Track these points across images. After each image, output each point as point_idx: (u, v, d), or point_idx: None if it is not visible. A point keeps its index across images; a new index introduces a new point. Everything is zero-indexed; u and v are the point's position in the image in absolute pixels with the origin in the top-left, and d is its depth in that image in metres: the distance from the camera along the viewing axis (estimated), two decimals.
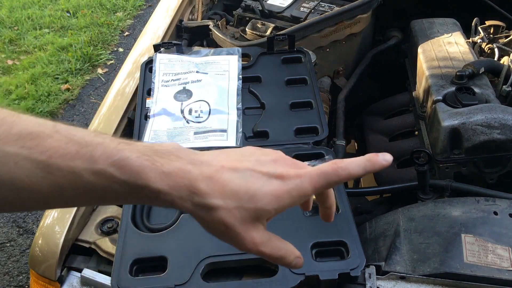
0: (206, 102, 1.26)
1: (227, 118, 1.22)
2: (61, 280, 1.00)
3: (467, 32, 1.55)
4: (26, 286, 2.37)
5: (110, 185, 0.53)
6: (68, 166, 0.52)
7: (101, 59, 4.17)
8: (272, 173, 0.55)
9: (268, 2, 1.74)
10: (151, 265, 0.90)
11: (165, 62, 1.36)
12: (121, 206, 1.03)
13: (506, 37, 1.49)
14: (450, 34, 1.52)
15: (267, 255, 0.56)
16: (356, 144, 1.96)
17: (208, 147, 1.16)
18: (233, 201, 0.54)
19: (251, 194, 0.54)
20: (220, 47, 1.54)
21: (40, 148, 0.52)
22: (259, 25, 1.61)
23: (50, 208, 0.65)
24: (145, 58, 1.43)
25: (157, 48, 1.42)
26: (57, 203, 0.56)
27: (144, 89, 1.31)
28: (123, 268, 0.88)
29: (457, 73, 1.28)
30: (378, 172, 1.47)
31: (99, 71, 4.04)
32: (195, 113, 1.24)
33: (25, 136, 0.52)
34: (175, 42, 1.42)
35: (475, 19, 1.53)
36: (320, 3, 1.71)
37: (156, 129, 1.20)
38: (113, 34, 4.57)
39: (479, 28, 1.52)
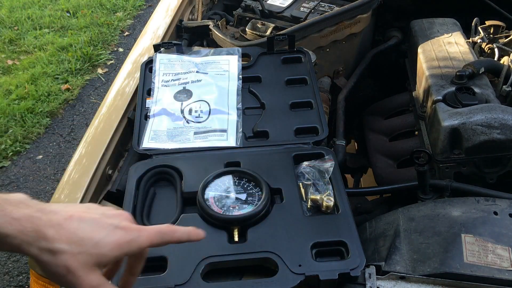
0: (206, 102, 1.26)
1: (227, 118, 1.22)
2: None
3: (467, 32, 1.55)
4: (26, 286, 2.37)
5: None
6: None
7: (101, 59, 4.17)
8: (116, 224, 0.64)
9: (268, 2, 1.74)
10: (151, 265, 0.90)
11: (165, 62, 1.36)
12: (121, 206, 1.03)
13: (506, 37, 1.49)
14: (450, 34, 1.52)
15: None
16: (356, 144, 1.96)
17: (208, 147, 1.16)
18: (78, 247, 0.60)
19: (95, 241, 0.61)
20: (220, 47, 1.54)
21: None
22: (259, 25, 1.61)
23: None
24: (145, 58, 1.43)
25: (157, 48, 1.42)
26: None
27: (144, 89, 1.31)
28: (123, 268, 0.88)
29: (457, 73, 1.28)
30: (378, 172, 1.47)
31: (99, 71, 4.04)
32: (195, 113, 1.24)
33: None
34: (175, 42, 1.42)
35: (475, 19, 1.53)
36: (320, 3, 1.71)
37: (156, 129, 1.20)
38: (113, 34, 4.57)
39: (479, 28, 1.52)
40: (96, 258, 0.62)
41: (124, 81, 1.43)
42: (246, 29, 1.62)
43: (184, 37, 1.66)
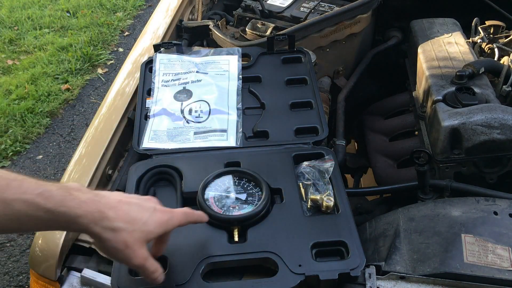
0: (206, 102, 1.26)
1: (227, 118, 1.22)
2: (61, 280, 1.00)
3: (467, 32, 1.55)
4: (26, 286, 2.37)
5: (35, 212, 0.67)
6: (1, 196, 0.65)
7: (101, 59, 4.17)
8: (154, 207, 0.77)
9: (268, 2, 1.74)
10: None
11: (165, 62, 1.36)
12: None
13: (506, 37, 1.49)
14: (450, 34, 1.52)
15: (147, 267, 0.76)
16: (356, 144, 1.96)
17: (208, 147, 1.16)
18: (132, 225, 0.73)
19: (144, 221, 0.74)
20: (220, 47, 1.54)
21: None
22: (259, 25, 1.61)
23: None
24: (145, 58, 1.43)
25: (157, 48, 1.42)
26: None
27: (144, 89, 1.31)
28: (123, 268, 0.88)
29: (457, 73, 1.28)
30: (378, 172, 1.47)
31: (99, 71, 4.04)
32: (195, 113, 1.24)
33: None
34: (175, 42, 1.42)
35: (475, 19, 1.53)
36: (320, 3, 1.71)
37: (156, 129, 1.20)
38: (113, 34, 4.57)
39: (479, 28, 1.52)
40: (146, 235, 0.74)
41: (124, 81, 1.43)
42: (246, 29, 1.62)
43: (184, 37, 1.66)
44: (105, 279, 0.96)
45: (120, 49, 4.38)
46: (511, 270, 0.86)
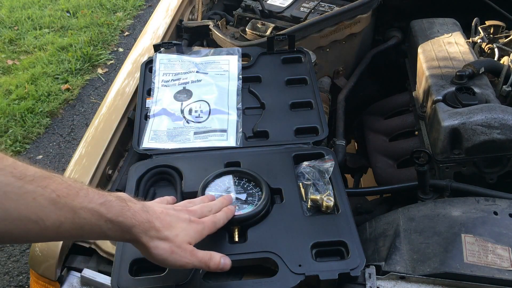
0: (206, 102, 1.26)
1: (227, 118, 1.22)
2: (61, 280, 1.00)
3: (467, 32, 1.55)
4: (26, 286, 2.37)
5: (97, 221, 0.69)
6: (71, 204, 0.66)
7: (101, 59, 4.17)
8: (188, 218, 0.82)
9: (268, 2, 1.74)
10: (151, 265, 0.89)
11: (165, 62, 1.36)
12: None
13: (506, 37, 1.49)
14: (450, 34, 1.52)
15: (201, 257, 0.79)
16: (356, 144, 1.96)
17: (208, 147, 1.16)
18: (175, 232, 0.78)
19: (183, 228, 0.80)
20: (220, 47, 1.54)
21: (51, 187, 0.65)
22: (259, 25, 1.61)
23: (40, 241, 0.93)
24: (145, 58, 1.43)
25: (157, 48, 1.42)
26: (50, 236, 0.68)
27: (144, 89, 1.31)
28: (123, 268, 0.88)
29: (457, 73, 1.28)
30: (378, 172, 1.47)
31: (99, 71, 4.04)
32: (195, 113, 1.24)
33: (38, 177, 0.65)
34: (175, 42, 1.42)
35: (475, 19, 1.53)
36: (320, 3, 1.71)
37: (156, 129, 1.20)
38: (113, 34, 4.57)
39: (479, 28, 1.52)
40: (188, 239, 0.79)
41: (124, 81, 1.43)
42: (246, 29, 1.62)
43: (184, 37, 1.66)
44: (105, 279, 0.96)
45: (120, 49, 4.38)
46: (511, 270, 0.86)
